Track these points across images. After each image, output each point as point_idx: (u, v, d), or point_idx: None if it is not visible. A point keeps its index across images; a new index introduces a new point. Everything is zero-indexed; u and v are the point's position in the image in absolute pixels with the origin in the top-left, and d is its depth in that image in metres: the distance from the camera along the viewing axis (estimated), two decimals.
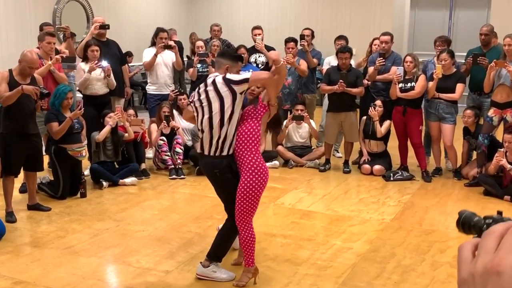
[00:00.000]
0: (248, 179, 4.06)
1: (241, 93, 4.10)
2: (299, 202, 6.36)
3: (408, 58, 7.16)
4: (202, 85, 4.23)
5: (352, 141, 7.71)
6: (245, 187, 4.06)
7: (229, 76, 4.11)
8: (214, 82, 4.11)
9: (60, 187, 6.33)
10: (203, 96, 4.16)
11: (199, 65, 8.19)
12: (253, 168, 4.07)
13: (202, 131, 4.21)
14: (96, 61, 7.04)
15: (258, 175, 4.08)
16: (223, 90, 4.07)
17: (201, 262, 4.40)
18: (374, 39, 8.23)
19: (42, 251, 4.93)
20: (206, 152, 4.20)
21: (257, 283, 4.29)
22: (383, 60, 7.38)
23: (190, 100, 4.33)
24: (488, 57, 6.93)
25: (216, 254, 4.40)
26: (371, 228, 5.56)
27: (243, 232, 4.17)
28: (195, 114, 4.26)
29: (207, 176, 4.35)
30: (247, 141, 4.12)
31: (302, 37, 8.20)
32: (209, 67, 8.08)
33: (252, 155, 4.10)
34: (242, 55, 8.03)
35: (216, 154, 4.14)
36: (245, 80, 4.05)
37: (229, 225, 4.31)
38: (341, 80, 7.21)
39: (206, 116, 4.14)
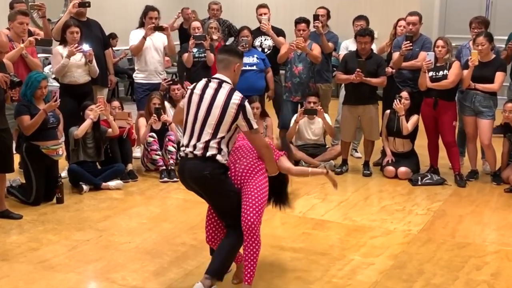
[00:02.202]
0: (255, 179, 4.22)
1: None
2: (311, 210, 6.34)
3: (440, 42, 7.14)
4: (213, 84, 4.26)
5: (372, 139, 7.69)
6: (256, 186, 4.21)
7: (247, 105, 4.20)
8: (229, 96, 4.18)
9: (32, 191, 6.33)
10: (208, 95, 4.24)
11: (195, 50, 8.18)
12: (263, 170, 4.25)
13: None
14: (76, 45, 7.04)
15: (263, 174, 4.25)
16: (231, 110, 4.16)
17: (201, 282, 4.26)
18: (399, 20, 8.20)
19: (11, 265, 4.92)
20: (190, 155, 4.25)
21: None
22: (410, 44, 7.36)
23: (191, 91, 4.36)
24: None
25: (221, 271, 4.34)
26: (396, 240, 5.54)
27: (252, 242, 4.17)
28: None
29: (195, 184, 4.33)
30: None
31: (315, 17, 8.19)
32: (207, 52, 8.09)
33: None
34: (246, 37, 8.12)
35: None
36: (250, 126, 4.20)
37: (236, 236, 4.26)
38: (358, 69, 7.20)
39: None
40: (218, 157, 4.17)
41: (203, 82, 4.33)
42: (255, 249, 4.19)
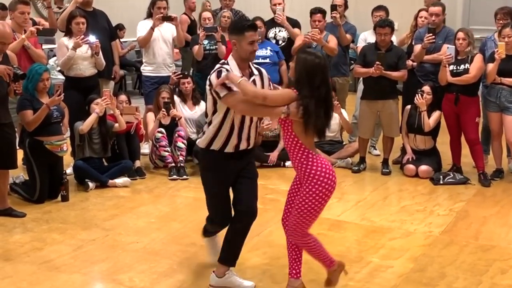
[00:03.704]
0: (310, 191, 4.16)
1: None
2: (327, 210, 6.26)
3: (460, 35, 7.10)
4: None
5: (392, 135, 7.68)
6: (306, 199, 4.18)
7: (212, 78, 4.29)
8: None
9: (36, 188, 6.37)
10: None
11: (205, 42, 8.19)
12: (315, 179, 4.14)
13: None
14: (82, 36, 7.06)
15: (322, 186, 4.15)
16: (207, 88, 4.37)
17: (213, 271, 4.59)
18: (420, 11, 8.18)
19: (15, 266, 4.96)
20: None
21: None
22: (433, 36, 7.33)
23: None
24: None
25: (225, 257, 4.59)
26: (416, 242, 5.54)
27: (301, 243, 4.35)
28: None
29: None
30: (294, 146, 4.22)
31: (333, 7, 8.18)
32: (218, 44, 8.09)
33: (308, 162, 4.17)
34: (259, 29, 8.10)
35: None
36: (218, 96, 4.25)
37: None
38: (377, 62, 7.19)
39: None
40: (199, 141, 4.53)
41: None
42: (309, 246, 4.36)
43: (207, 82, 4.35)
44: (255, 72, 4.49)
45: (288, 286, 4.47)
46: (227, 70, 4.26)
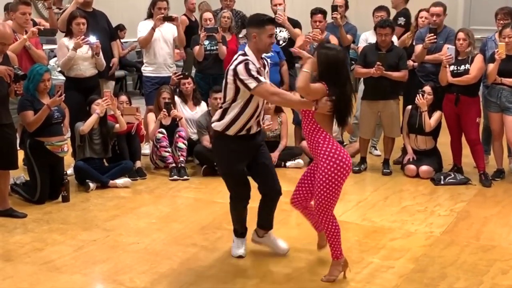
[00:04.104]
0: (326, 168, 4.46)
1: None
2: None
3: (461, 35, 7.10)
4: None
5: (392, 136, 7.68)
6: (323, 177, 4.47)
7: (239, 69, 4.56)
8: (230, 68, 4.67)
9: (37, 189, 6.37)
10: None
11: (206, 42, 8.20)
12: (330, 155, 4.46)
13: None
14: (83, 36, 7.07)
15: (337, 163, 4.46)
16: (230, 78, 4.64)
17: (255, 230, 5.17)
18: (420, 11, 8.18)
19: (15, 266, 4.96)
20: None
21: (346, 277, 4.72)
22: (434, 36, 7.34)
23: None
24: None
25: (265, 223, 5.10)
26: (417, 243, 5.54)
27: (326, 225, 4.60)
28: None
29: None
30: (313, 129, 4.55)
31: (334, 8, 8.18)
32: (219, 44, 8.10)
33: (325, 142, 4.51)
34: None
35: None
36: (247, 88, 4.57)
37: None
38: (378, 62, 7.19)
39: None
40: (215, 124, 4.78)
41: None
42: (331, 234, 4.61)
43: (231, 72, 4.61)
44: (266, 63, 4.94)
45: (332, 267, 4.70)
46: (251, 61, 4.60)
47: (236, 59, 4.68)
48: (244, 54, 4.67)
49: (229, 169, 4.90)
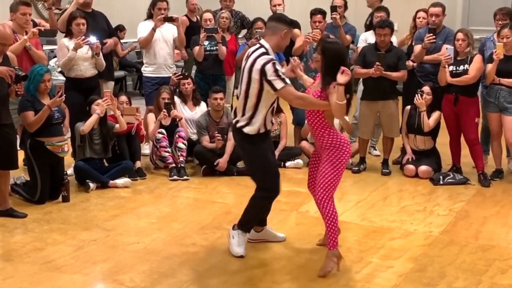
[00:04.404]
0: (330, 155, 4.76)
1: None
2: None
3: (460, 35, 7.11)
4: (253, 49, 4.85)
5: (392, 136, 7.69)
6: (328, 165, 4.75)
7: (267, 68, 4.61)
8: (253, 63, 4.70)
9: (37, 189, 6.37)
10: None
11: (206, 43, 8.20)
12: (333, 143, 4.77)
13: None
14: (83, 37, 7.07)
15: (340, 150, 4.76)
16: (255, 77, 4.69)
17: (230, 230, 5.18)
18: (418, 11, 8.18)
19: (16, 266, 4.96)
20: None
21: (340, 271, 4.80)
22: (433, 37, 7.34)
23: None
24: None
25: (242, 222, 5.11)
26: (416, 242, 5.54)
27: (327, 211, 4.76)
28: None
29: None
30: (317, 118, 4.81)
31: (333, 8, 8.18)
32: (219, 45, 8.11)
33: (330, 134, 4.81)
34: (260, 29, 8.11)
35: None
36: (273, 88, 4.65)
37: (255, 194, 5.06)
38: (377, 63, 7.19)
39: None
40: (246, 129, 4.85)
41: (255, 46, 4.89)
42: (330, 219, 4.76)
43: (256, 72, 4.65)
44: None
45: (328, 258, 4.80)
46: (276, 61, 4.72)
47: (258, 56, 4.70)
48: (267, 52, 4.74)
49: (267, 165, 5.00)
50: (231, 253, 5.12)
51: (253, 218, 5.19)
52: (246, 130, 4.85)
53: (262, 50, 4.75)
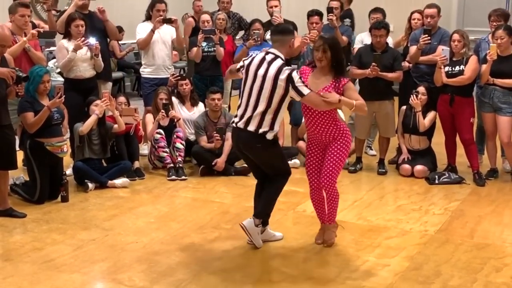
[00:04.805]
0: (337, 144, 5.13)
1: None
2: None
3: (455, 36, 7.11)
4: (268, 58, 5.04)
5: (388, 136, 7.69)
6: (336, 151, 5.12)
7: (294, 76, 4.88)
8: (279, 70, 4.91)
9: (37, 189, 6.36)
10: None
11: (204, 44, 8.20)
12: (341, 133, 5.14)
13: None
14: (83, 38, 7.07)
15: (346, 137, 5.18)
16: (281, 84, 4.90)
17: (248, 220, 5.20)
18: (412, 13, 8.17)
19: (15, 265, 4.96)
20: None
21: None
22: (429, 38, 7.35)
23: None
24: None
25: (264, 211, 5.27)
26: (412, 241, 5.55)
27: (332, 192, 5.18)
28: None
29: (248, 152, 5.19)
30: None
31: (329, 10, 8.19)
32: (217, 46, 8.11)
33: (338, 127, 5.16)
34: (257, 31, 8.12)
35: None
36: (301, 94, 4.89)
37: (278, 181, 5.26)
38: (373, 63, 7.20)
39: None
40: (268, 135, 5.00)
41: (261, 55, 5.09)
42: (334, 199, 5.23)
43: (282, 80, 4.87)
44: None
45: (329, 231, 5.35)
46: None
47: (282, 65, 4.93)
48: (286, 63, 5.04)
49: (283, 154, 5.42)
50: (257, 246, 5.27)
51: (273, 205, 5.34)
52: (269, 136, 5.03)
53: (280, 60, 4.98)
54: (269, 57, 5.01)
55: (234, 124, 5.17)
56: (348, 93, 5.07)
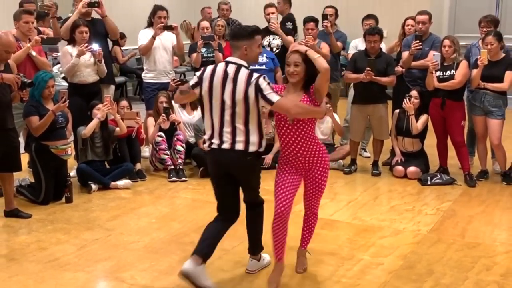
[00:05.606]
0: (324, 168, 4.59)
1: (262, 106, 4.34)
2: (320, 210, 6.27)
3: (446, 42, 7.12)
4: (231, 68, 4.32)
5: (381, 138, 7.70)
6: (322, 175, 4.61)
7: (261, 83, 4.22)
8: (250, 76, 4.26)
9: (42, 190, 6.37)
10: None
11: (203, 50, 8.21)
12: (319, 158, 4.55)
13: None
14: (86, 44, 7.07)
15: (324, 165, 4.59)
16: (251, 95, 4.24)
17: (251, 258, 4.85)
18: (406, 19, 8.20)
19: (21, 264, 4.97)
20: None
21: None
22: (420, 43, 7.36)
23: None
24: None
25: (258, 244, 4.84)
26: (405, 240, 5.55)
27: (316, 217, 4.86)
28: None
29: (233, 172, 4.51)
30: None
31: (324, 16, 8.20)
32: (216, 51, 8.11)
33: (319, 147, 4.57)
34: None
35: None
36: (270, 102, 4.24)
37: (261, 210, 4.78)
38: (368, 68, 7.20)
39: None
40: (251, 147, 4.33)
41: (222, 66, 4.39)
42: (315, 224, 4.88)
43: (252, 90, 4.21)
44: None
45: (303, 256, 4.95)
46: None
47: (249, 75, 4.26)
48: (248, 67, 4.37)
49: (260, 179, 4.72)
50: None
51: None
52: (251, 149, 4.37)
53: (245, 70, 4.32)
54: (231, 70, 4.33)
55: (210, 145, 4.50)
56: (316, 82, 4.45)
